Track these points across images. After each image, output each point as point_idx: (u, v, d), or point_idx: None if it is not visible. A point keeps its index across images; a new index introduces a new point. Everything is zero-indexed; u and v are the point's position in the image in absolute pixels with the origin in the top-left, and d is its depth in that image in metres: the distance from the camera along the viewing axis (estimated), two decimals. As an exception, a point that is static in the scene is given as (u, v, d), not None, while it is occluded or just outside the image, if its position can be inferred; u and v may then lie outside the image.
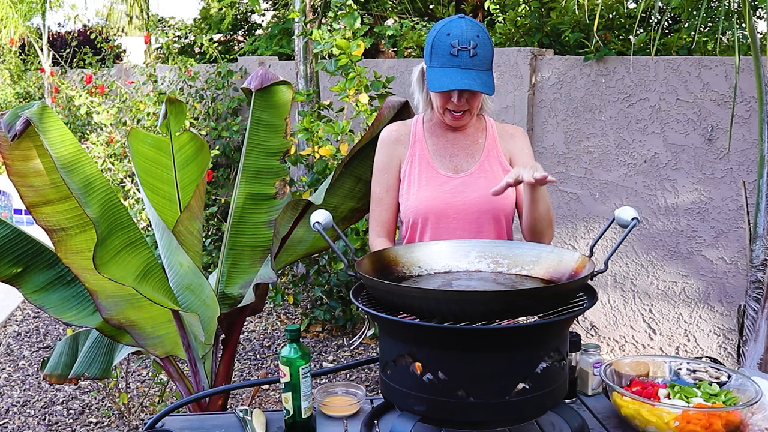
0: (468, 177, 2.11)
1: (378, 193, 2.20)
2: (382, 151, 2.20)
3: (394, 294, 1.57)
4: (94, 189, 2.46)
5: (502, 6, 6.15)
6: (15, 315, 5.60)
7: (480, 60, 1.94)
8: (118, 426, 3.76)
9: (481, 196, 2.09)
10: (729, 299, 3.79)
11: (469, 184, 2.10)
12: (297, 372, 1.70)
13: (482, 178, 2.11)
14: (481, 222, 2.10)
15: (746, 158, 3.65)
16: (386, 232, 2.21)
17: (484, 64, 1.96)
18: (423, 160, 2.14)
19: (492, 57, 1.99)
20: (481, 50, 1.94)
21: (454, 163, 2.14)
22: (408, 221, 2.15)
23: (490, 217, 2.10)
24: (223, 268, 3.02)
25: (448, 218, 2.09)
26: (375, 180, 2.21)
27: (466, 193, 2.09)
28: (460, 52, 1.93)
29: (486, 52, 1.96)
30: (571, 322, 1.64)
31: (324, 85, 5.44)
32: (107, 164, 6.15)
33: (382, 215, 2.20)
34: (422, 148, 2.14)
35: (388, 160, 2.18)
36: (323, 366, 4.42)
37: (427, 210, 2.10)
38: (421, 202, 2.11)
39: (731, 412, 1.63)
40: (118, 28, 12.20)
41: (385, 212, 2.20)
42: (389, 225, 2.21)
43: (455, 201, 2.09)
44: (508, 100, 4.51)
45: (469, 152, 2.15)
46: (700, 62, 3.78)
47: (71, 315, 2.80)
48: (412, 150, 2.15)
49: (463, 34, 1.94)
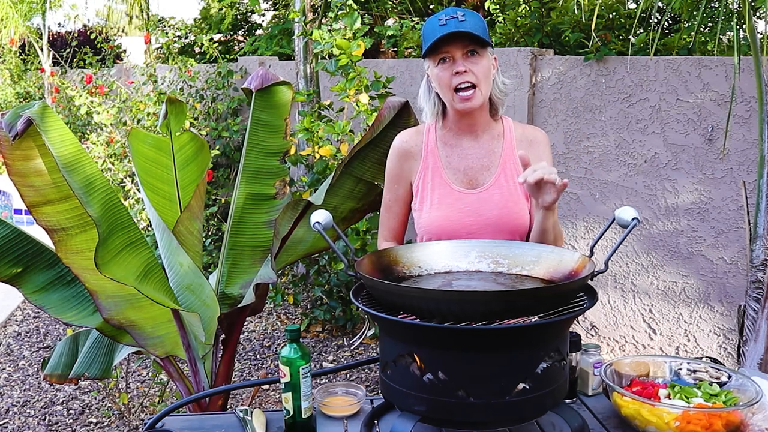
0: (483, 193, 2.03)
1: (388, 200, 2.17)
2: (393, 161, 2.13)
3: (394, 294, 1.57)
4: (95, 189, 2.47)
5: (502, 6, 6.15)
6: (15, 315, 5.60)
7: (470, 24, 1.90)
8: (118, 426, 3.76)
9: (495, 215, 2.01)
10: (729, 299, 3.79)
11: (484, 201, 2.03)
12: (297, 372, 1.70)
13: (497, 194, 2.03)
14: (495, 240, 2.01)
15: (746, 158, 3.65)
16: (393, 237, 2.18)
17: (475, 27, 1.90)
18: (436, 174, 2.06)
19: (485, 28, 1.93)
20: (471, 18, 1.91)
21: (468, 177, 2.05)
22: (421, 238, 2.10)
23: (505, 235, 2.02)
24: (223, 268, 3.02)
25: (462, 237, 2.01)
26: (386, 187, 2.16)
27: (481, 211, 2.02)
28: (448, 21, 1.90)
29: (477, 21, 1.91)
30: (571, 322, 1.64)
31: (324, 85, 5.44)
32: (107, 164, 6.15)
33: (390, 222, 2.18)
34: (435, 160, 2.07)
35: (399, 172, 2.12)
36: (323, 366, 4.42)
37: (440, 230, 2.03)
38: (433, 222, 2.05)
39: (731, 412, 1.63)
40: (118, 28, 12.20)
41: (394, 220, 2.17)
42: (397, 232, 2.18)
43: (468, 220, 2.02)
44: (508, 100, 4.50)
45: (483, 164, 2.06)
46: (700, 62, 3.78)
47: (71, 315, 2.80)
48: (425, 163, 2.08)
49: (450, 10, 1.94)
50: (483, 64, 1.95)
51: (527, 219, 2.05)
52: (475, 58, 1.94)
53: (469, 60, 1.93)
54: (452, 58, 1.94)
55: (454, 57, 1.94)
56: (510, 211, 2.03)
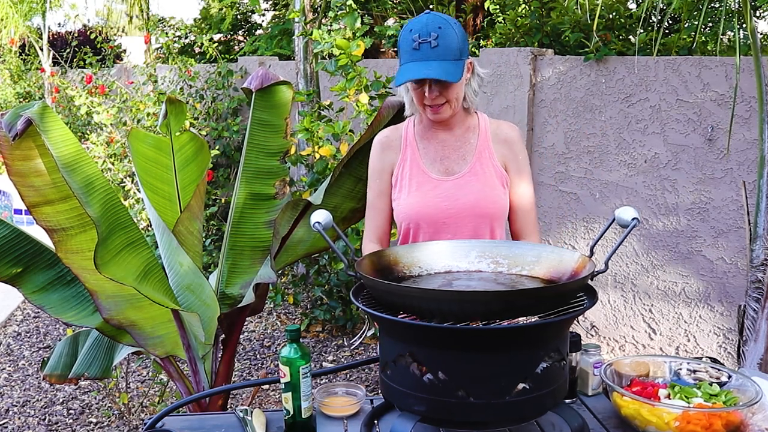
0: (459, 180, 2.08)
1: (371, 198, 2.19)
2: (375, 155, 2.19)
3: (394, 294, 1.57)
4: (95, 189, 2.46)
5: (502, 6, 6.15)
6: (15, 315, 5.60)
7: (442, 50, 1.92)
8: (118, 426, 3.76)
9: (472, 200, 2.06)
10: (729, 299, 3.79)
11: (460, 186, 2.08)
12: (297, 372, 1.70)
13: (474, 181, 2.08)
14: (474, 226, 2.07)
15: (746, 158, 3.65)
16: (378, 236, 2.19)
17: (447, 54, 1.93)
18: (414, 164, 2.12)
19: (459, 47, 1.95)
20: (443, 41, 1.92)
21: (445, 166, 2.11)
22: (400, 227, 2.14)
23: (483, 220, 2.07)
24: (223, 268, 3.02)
25: (439, 223, 2.07)
26: (369, 186, 2.20)
27: (457, 196, 2.07)
28: (420, 45, 1.92)
29: (449, 42, 1.93)
30: (571, 322, 1.64)
31: (324, 85, 5.44)
32: (107, 164, 6.15)
33: (375, 220, 2.19)
34: (414, 152, 2.13)
35: (381, 166, 2.17)
36: (323, 366, 4.42)
37: (418, 216, 2.08)
38: (412, 208, 2.09)
39: (731, 412, 1.63)
40: (118, 28, 12.21)
41: (378, 217, 2.18)
42: (381, 230, 2.19)
43: (445, 205, 2.07)
44: (508, 100, 4.51)
45: (460, 154, 2.12)
46: (700, 62, 3.78)
47: (71, 315, 2.80)
48: (404, 155, 2.14)
49: (423, 27, 1.93)
50: (456, 84, 2.00)
51: (504, 204, 2.10)
52: (449, 83, 1.98)
53: (441, 86, 1.98)
54: (424, 81, 1.99)
55: (424, 81, 1.98)
56: (486, 196, 2.07)
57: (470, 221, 2.07)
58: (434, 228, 2.07)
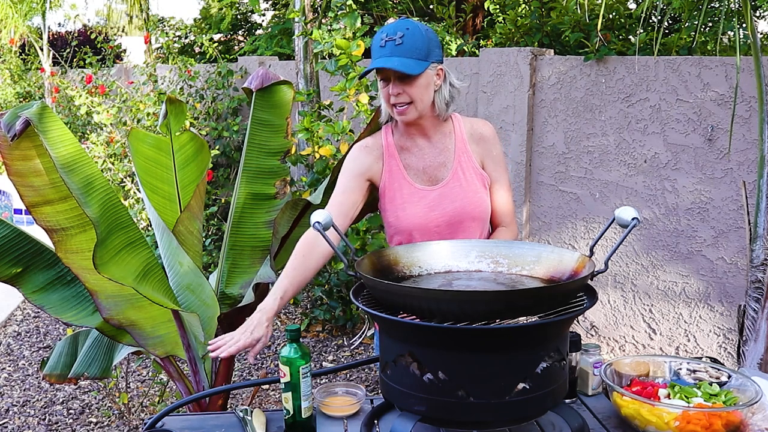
0: (444, 188, 2.13)
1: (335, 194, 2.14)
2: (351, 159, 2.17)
3: (394, 294, 1.57)
4: (94, 189, 2.46)
5: (502, 6, 6.15)
6: (15, 315, 5.60)
7: (406, 48, 1.97)
8: (118, 426, 3.76)
9: (458, 206, 2.12)
10: (729, 299, 3.79)
11: (445, 195, 2.13)
12: (297, 372, 1.70)
13: (457, 187, 2.13)
14: (462, 227, 2.13)
15: (746, 158, 3.65)
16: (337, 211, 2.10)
17: (411, 52, 1.97)
18: (399, 175, 2.15)
19: (425, 49, 1.98)
20: (408, 39, 1.97)
21: (428, 175, 2.15)
22: (391, 238, 2.20)
23: (471, 223, 2.14)
24: (223, 268, 3.02)
25: (431, 231, 2.12)
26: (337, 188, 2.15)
27: (444, 204, 2.12)
28: (386, 43, 1.98)
29: (415, 42, 1.98)
30: (571, 322, 1.64)
31: (324, 85, 5.44)
32: (107, 164, 6.15)
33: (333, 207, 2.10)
34: (396, 163, 2.15)
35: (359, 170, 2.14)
36: (323, 366, 4.42)
37: (410, 227, 2.13)
38: (401, 221, 2.14)
39: (731, 412, 1.63)
40: (118, 27, 12.22)
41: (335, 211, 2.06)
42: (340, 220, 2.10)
43: (434, 215, 2.12)
44: (508, 100, 4.51)
45: (440, 161, 2.15)
46: (700, 62, 3.78)
47: (71, 315, 2.80)
48: (387, 165, 2.15)
49: (392, 28, 2.00)
50: (418, 83, 2.02)
51: (487, 205, 2.17)
52: (409, 79, 2.01)
53: (403, 82, 2.01)
54: (389, 78, 2.03)
55: (390, 78, 2.02)
56: (470, 201, 2.13)
57: (458, 225, 2.13)
58: (426, 236, 2.12)
